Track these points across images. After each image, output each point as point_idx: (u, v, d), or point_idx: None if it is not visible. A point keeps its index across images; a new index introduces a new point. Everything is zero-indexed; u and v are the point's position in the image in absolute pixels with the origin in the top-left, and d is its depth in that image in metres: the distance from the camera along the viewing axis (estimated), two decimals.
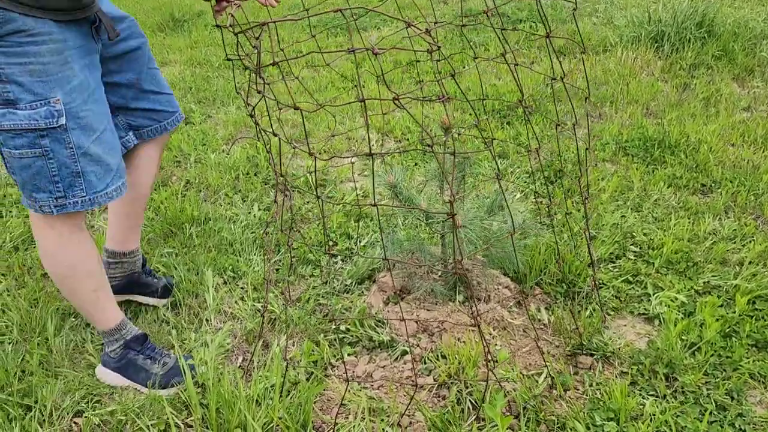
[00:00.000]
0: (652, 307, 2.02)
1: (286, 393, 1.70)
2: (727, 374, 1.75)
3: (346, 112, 3.80)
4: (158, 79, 1.84)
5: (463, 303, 2.02)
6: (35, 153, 1.45)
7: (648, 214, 2.56)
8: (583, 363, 1.82)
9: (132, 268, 2.05)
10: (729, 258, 2.26)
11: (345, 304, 2.09)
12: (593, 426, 1.58)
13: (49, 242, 1.61)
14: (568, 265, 2.17)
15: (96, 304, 1.71)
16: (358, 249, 2.40)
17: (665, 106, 3.61)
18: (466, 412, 1.65)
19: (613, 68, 4.20)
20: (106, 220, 2.69)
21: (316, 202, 2.76)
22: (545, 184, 2.87)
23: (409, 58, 4.81)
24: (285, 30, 5.97)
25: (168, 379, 1.76)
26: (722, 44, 4.35)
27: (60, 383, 1.76)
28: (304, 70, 4.72)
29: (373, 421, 1.63)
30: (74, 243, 1.62)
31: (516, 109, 3.67)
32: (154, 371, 1.76)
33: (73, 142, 1.47)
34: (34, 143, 1.43)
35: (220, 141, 3.45)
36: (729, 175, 2.80)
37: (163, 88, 1.86)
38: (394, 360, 1.85)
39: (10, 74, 1.37)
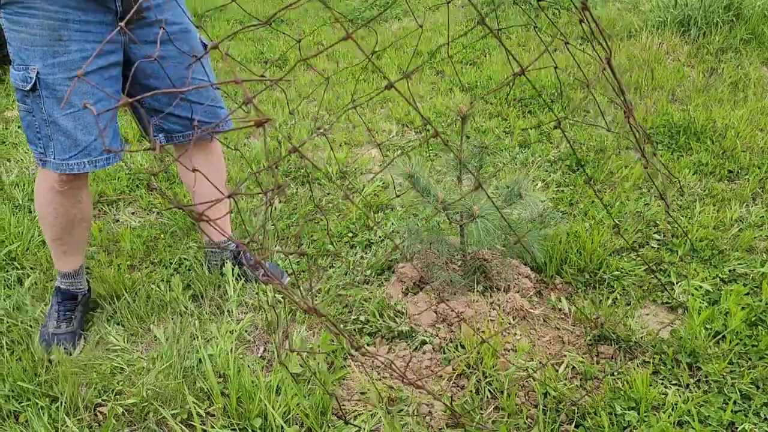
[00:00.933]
0: (676, 295, 1.99)
1: (305, 382, 1.72)
2: (752, 363, 1.71)
3: (367, 104, 3.80)
4: (203, 90, 1.87)
5: (482, 293, 2.01)
6: (25, 108, 1.66)
7: (672, 201, 2.51)
8: (604, 352, 1.81)
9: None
10: (756, 245, 2.21)
11: (364, 294, 2.10)
12: (614, 415, 1.57)
13: (38, 184, 1.84)
14: (590, 255, 2.14)
15: (53, 249, 1.95)
16: (377, 240, 2.40)
17: (691, 91, 3.54)
18: (485, 401, 1.65)
19: (638, 54, 4.13)
20: (132, 213, 2.74)
21: (336, 194, 2.77)
22: (570, 171, 2.83)
23: (429, 48, 4.78)
24: (306, 23, 5.98)
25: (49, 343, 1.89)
26: (751, 27, 4.23)
27: (86, 375, 1.81)
28: (326, 62, 4.72)
29: (392, 409, 1.64)
30: (52, 196, 1.80)
31: (538, 98, 3.63)
32: (48, 326, 1.93)
33: (45, 110, 1.63)
34: (23, 100, 1.65)
35: (242, 135, 3.48)
36: (757, 161, 2.74)
37: (206, 99, 1.90)
38: (413, 350, 1.86)
39: (9, 38, 1.60)
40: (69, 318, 1.96)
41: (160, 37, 1.71)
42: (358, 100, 3.85)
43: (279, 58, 4.89)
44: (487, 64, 4.33)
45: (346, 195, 0.93)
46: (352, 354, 1.85)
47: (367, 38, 5.31)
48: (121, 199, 2.86)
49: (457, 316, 1.91)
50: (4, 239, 2.48)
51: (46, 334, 1.92)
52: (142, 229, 2.55)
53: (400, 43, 5.03)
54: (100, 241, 2.47)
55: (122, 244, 2.45)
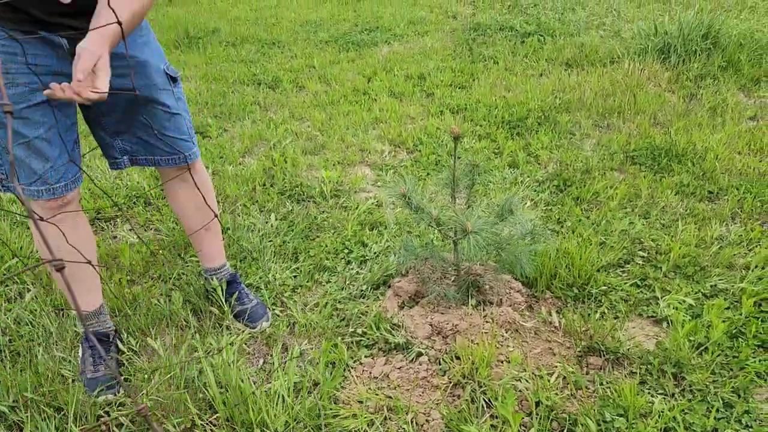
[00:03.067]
0: (661, 309, 2.08)
1: (305, 392, 1.77)
2: (733, 373, 1.80)
3: (359, 125, 3.89)
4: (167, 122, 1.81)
5: (475, 307, 2.08)
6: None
7: (656, 220, 2.61)
8: (593, 364, 1.88)
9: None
10: (735, 262, 2.31)
11: (361, 308, 2.15)
12: (603, 422, 1.63)
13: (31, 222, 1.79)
14: (578, 270, 2.23)
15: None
16: (372, 256, 2.47)
17: (672, 116, 3.68)
18: (480, 410, 1.71)
19: (621, 80, 4.28)
20: (129, 231, 2.78)
21: (330, 212, 2.84)
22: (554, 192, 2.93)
23: (420, 72, 4.90)
24: (298, 46, 6.09)
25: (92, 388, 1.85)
26: (728, 55, 4.41)
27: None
28: (318, 84, 4.82)
29: (391, 418, 1.69)
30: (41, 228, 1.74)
31: (525, 120, 3.75)
32: (86, 373, 1.89)
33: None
34: None
35: (237, 154, 3.55)
36: (735, 182, 2.86)
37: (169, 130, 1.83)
38: (409, 361, 1.91)
39: None
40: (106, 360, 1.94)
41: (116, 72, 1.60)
42: (350, 121, 3.95)
43: (272, 79, 4.98)
44: (476, 88, 4.45)
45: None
46: (351, 366, 1.91)
47: (358, 61, 5.42)
48: (118, 215, 2.90)
49: (452, 328, 1.98)
50: (3, 255, 2.51)
51: (85, 380, 1.87)
52: (141, 245, 2.60)
53: (390, 65, 5.15)
54: (99, 256, 2.51)
55: (121, 260, 2.49)
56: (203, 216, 2.07)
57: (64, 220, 1.76)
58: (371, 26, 6.70)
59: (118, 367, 1.95)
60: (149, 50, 1.74)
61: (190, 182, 1.99)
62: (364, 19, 7.10)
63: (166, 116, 1.80)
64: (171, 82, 1.80)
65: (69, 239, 1.77)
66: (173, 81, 1.81)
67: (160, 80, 1.76)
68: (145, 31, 1.75)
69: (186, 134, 1.88)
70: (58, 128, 1.65)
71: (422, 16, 7.03)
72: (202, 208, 2.06)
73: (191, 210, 2.05)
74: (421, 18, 6.97)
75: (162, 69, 1.77)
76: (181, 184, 2.01)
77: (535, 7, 6.95)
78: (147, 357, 2.00)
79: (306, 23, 7.09)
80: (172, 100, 1.81)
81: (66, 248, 1.75)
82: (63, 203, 1.74)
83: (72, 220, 1.79)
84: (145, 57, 1.72)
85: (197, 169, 1.99)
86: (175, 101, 1.82)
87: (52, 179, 1.67)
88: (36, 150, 1.63)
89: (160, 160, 1.88)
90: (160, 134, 1.82)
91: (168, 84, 1.78)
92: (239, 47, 6.17)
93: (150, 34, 1.78)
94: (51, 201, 1.71)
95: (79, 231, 1.84)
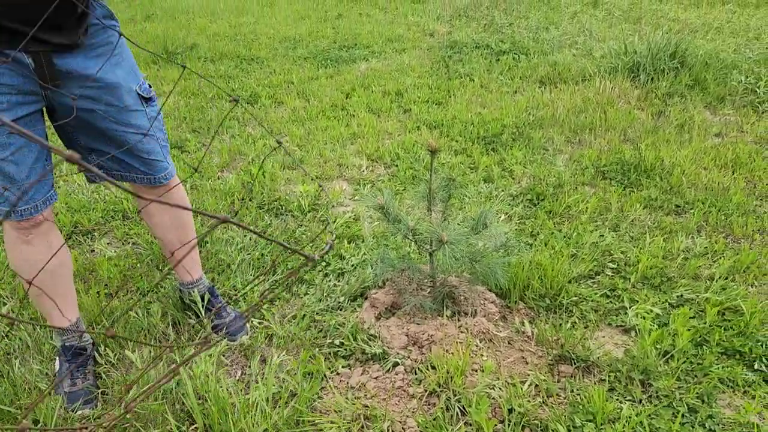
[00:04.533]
0: (629, 319, 2.14)
1: (284, 402, 1.79)
2: (698, 379, 1.86)
3: (337, 140, 3.95)
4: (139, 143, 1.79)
5: (450, 317, 2.13)
6: None
7: (625, 233, 2.70)
8: (564, 372, 1.94)
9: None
10: (701, 273, 2.39)
11: (338, 320, 2.19)
12: (573, 428, 1.69)
13: (5, 240, 1.79)
14: (550, 281, 2.29)
15: (42, 307, 1.93)
16: (350, 269, 2.51)
17: (641, 132, 3.79)
18: (454, 417, 1.75)
19: (592, 97, 4.40)
20: (107, 244, 2.79)
21: (308, 225, 2.88)
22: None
23: (397, 88, 4.98)
24: (276, 62, 6.14)
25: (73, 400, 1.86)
26: (695, 74, 4.57)
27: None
28: (296, 100, 4.87)
29: (368, 426, 1.72)
30: (21, 248, 1.76)
31: (500, 136, 3.83)
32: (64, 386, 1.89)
33: None
34: None
35: (215, 168, 3.57)
36: (701, 196, 2.96)
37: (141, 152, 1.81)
38: (386, 371, 1.95)
39: None
40: (83, 374, 1.93)
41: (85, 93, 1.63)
42: (328, 137, 4.00)
43: (250, 95, 5.02)
44: (452, 104, 4.54)
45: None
46: (328, 376, 1.94)
47: (336, 77, 5.49)
48: (96, 229, 2.90)
49: (427, 338, 2.02)
50: None
51: (63, 393, 1.88)
52: (119, 258, 2.61)
53: (368, 82, 5.22)
54: (76, 269, 2.51)
55: (99, 273, 2.49)
56: (180, 232, 2.06)
57: (37, 239, 1.75)
58: (350, 43, 6.79)
59: (96, 380, 1.95)
60: (121, 71, 1.71)
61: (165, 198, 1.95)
62: (342, 36, 7.19)
63: (137, 137, 1.78)
64: (144, 102, 1.77)
65: (43, 257, 1.77)
66: (146, 101, 1.78)
67: (132, 102, 1.73)
68: (119, 50, 1.72)
69: (159, 154, 1.86)
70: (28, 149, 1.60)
71: (400, 34, 7.14)
72: (179, 224, 2.05)
73: (167, 225, 2.04)
74: (398, 36, 7.08)
75: (134, 90, 1.74)
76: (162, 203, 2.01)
77: (510, 26, 7.10)
78: (125, 369, 2.01)
79: (285, 39, 7.15)
80: (144, 120, 1.78)
81: (39, 266, 1.73)
82: (34, 224, 1.72)
83: (45, 239, 1.77)
84: (115, 79, 1.68)
85: (172, 188, 1.95)
86: (148, 121, 1.79)
87: (19, 202, 1.64)
88: (2, 172, 1.59)
89: (135, 177, 1.86)
90: (132, 154, 1.80)
91: (140, 105, 1.76)
92: (218, 63, 6.20)
93: (124, 53, 1.75)
94: (22, 222, 1.69)
95: (53, 248, 1.81)
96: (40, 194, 1.68)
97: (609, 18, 7.33)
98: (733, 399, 1.81)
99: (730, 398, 1.82)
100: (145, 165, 1.84)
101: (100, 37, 1.65)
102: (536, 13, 7.82)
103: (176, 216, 2.04)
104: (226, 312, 2.19)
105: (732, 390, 1.84)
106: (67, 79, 1.61)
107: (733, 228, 2.70)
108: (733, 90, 4.39)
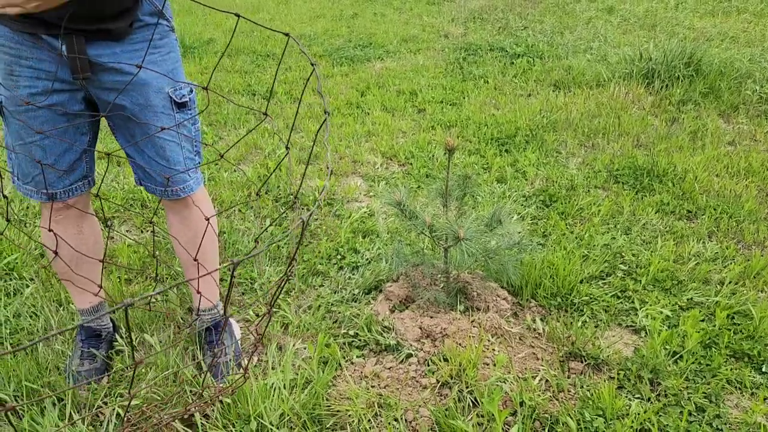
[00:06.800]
0: (639, 319, 2.18)
1: (300, 388, 1.84)
2: (706, 380, 1.90)
3: (352, 137, 3.99)
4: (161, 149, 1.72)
5: (463, 312, 2.17)
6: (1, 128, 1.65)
7: (636, 236, 2.73)
8: (574, 368, 1.97)
9: None
10: (711, 277, 2.42)
11: (353, 311, 2.23)
12: (583, 422, 1.72)
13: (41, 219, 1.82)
14: (562, 281, 2.33)
15: (66, 285, 1.93)
16: (365, 263, 2.55)
17: (654, 138, 3.82)
18: (467, 408, 1.79)
19: (606, 102, 4.43)
20: (127, 231, 2.84)
21: (324, 219, 2.93)
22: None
23: (412, 88, 5.02)
24: (292, 58, 6.20)
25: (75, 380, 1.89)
26: (709, 82, 4.58)
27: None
28: (312, 96, 4.92)
29: (381, 414, 1.77)
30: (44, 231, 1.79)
31: (514, 138, 3.87)
32: (72, 364, 1.93)
33: (7, 134, 1.65)
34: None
35: (232, 161, 3.62)
36: (713, 202, 2.99)
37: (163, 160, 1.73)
38: (399, 362, 1.99)
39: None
40: (92, 355, 1.96)
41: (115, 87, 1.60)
42: (343, 133, 4.04)
43: (266, 90, 5.07)
44: (466, 105, 4.58)
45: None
46: (342, 366, 1.98)
47: (351, 75, 5.54)
48: (116, 216, 2.96)
49: (440, 331, 2.06)
50: (2, 251, 2.56)
51: (70, 372, 1.91)
52: (138, 246, 2.66)
53: (383, 81, 5.27)
54: None
55: (119, 259, 2.55)
56: (193, 253, 1.90)
57: (66, 220, 1.79)
58: (364, 42, 6.84)
59: (105, 365, 1.98)
60: (155, 70, 1.63)
61: (182, 216, 1.88)
62: (357, 35, 7.24)
63: (159, 141, 1.70)
64: (175, 107, 1.69)
65: (71, 240, 1.81)
66: (179, 106, 1.70)
67: (159, 103, 1.66)
68: (160, 50, 1.65)
69: (180, 164, 1.75)
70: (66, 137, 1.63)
71: (415, 35, 7.19)
72: (193, 246, 1.90)
73: (181, 243, 1.91)
74: (413, 36, 7.12)
75: (165, 92, 1.66)
76: (174, 216, 1.89)
77: (524, 30, 7.13)
78: (144, 351, 2.06)
79: (300, 37, 7.20)
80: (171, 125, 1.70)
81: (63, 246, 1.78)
82: (63, 205, 1.75)
83: (74, 222, 1.81)
84: (144, 76, 1.62)
85: (191, 205, 1.85)
86: (176, 128, 1.71)
87: (40, 185, 1.67)
88: (30, 154, 1.63)
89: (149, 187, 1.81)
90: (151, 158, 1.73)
91: (170, 109, 1.68)
92: (234, 58, 6.26)
93: (167, 54, 1.67)
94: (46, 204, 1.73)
95: (84, 233, 1.84)
96: (61, 184, 1.70)
97: (624, 24, 7.35)
98: (740, 400, 1.85)
99: (737, 399, 1.85)
100: (164, 171, 1.74)
101: (142, 33, 1.61)
102: (551, 17, 7.85)
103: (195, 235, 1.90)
104: (223, 353, 2.01)
105: (740, 391, 1.88)
106: (99, 70, 1.59)
107: (744, 234, 2.72)
108: (747, 99, 4.41)
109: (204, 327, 2.04)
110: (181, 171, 1.75)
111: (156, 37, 1.63)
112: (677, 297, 2.29)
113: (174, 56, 1.70)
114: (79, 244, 1.83)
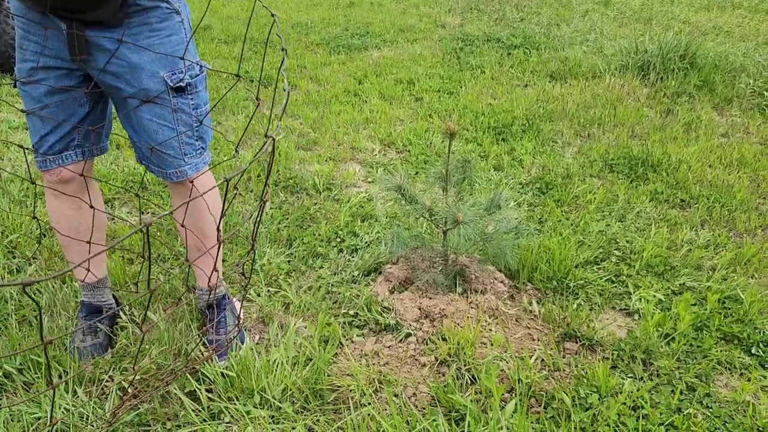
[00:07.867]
0: (633, 303, 2.23)
1: (302, 364, 1.88)
2: (697, 361, 1.95)
3: (350, 124, 4.02)
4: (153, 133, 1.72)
5: (461, 294, 2.21)
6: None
7: (631, 224, 2.78)
8: (569, 348, 2.02)
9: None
10: (703, 264, 2.48)
11: (353, 292, 2.27)
12: (578, 398, 1.77)
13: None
14: (558, 265, 2.37)
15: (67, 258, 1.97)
16: (364, 246, 2.59)
17: (649, 129, 3.87)
18: (464, 384, 1.84)
19: (602, 93, 4.47)
20: (128, 213, 2.86)
21: (323, 204, 2.96)
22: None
23: (409, 77, 5.04)
24: (289, 46, 6.20)
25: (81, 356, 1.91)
26: (704, 75, 4.64)
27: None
28: (309, 84, 4.94)
29: (381, 390, 1.81)
30: (50, 201, 1.86)
31: (510, 127, 3.91)
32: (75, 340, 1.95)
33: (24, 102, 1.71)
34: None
35: (231, 146, 3.64)
36: (706, 192, 3.04)
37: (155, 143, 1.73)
38: (399, 341, 2.04)
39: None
40: (94, 331, 1.98)
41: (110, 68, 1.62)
42: (340, 120, 4.07)
43: (264, 77, 5.08)
44: (463, 94, 4.61)
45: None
46: (343, 344, 2.02)
47: (348, 64, 5.55)
48: (116, 198, 2.98)
49: (439, 312, 2.10)
50: (4, 230, 2.57)
51: (72, 348, 1.93)
52: (139, 226, 2.68)
53: (380, 70, 5.29)
54: None
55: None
56: (193, 234, 1.91)
57: (65, 196, 1.82)
58: (362, 31, 6.84)
59: (108, 341, 2.00)
60: (151, 54, 1.62)
61: (182, 198, 1.88)
62: (354, 24, 7.24)
63: (152, 125, 1.70)
64: (171, 92, 1.67)
65: (70, 213, 1.85)
66: (176, 91, 1.68)
67: (152, 86, 1.64)
68: (158, 32, 1.63)
69: (174, 149, 1.74)
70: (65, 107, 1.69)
71: (412, 24, 7.20)
72: (193, 227, 1.89)
73: (180, 222, 1.87)
74: (410, 26, 7.14)
75: (161, 76, 1.64)
76: (175, 197, 1.92)
77: (521, 21, 7.16)
78: (147, 328, 2.09)
79: (297, 25, 7.20)
80: (166, 110, 1.69)
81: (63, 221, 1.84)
82: (59, 179, 1.78)
83: (72, 198, 1.83)
84: (138, 60, 1.61)
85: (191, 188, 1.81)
86: (171, 113, 1.69)
87: (39, 150, 1.74)
88: (30, 121, 1.73)
89: (149, 167, 1.83)
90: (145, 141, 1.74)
91: (166, 93, 1.66)
92: (231, 45, 6.26)
93: (166, 38, 1.65)
94: (46, 173, 1.78)
95: (83, 209, 1.86)
96: (52, 150, 1.73)
97: (620, 17, 7.39)
98: (730, 380, 1.90)
99: (727, 379, 1.91)
100: (155, 155, 1.75)
101: (140, 17, 1.60)
102: (548, 9, 7.88)
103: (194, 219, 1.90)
104: (224, 330, 2.03)
105: (729, 372, 1.93)
106: (98, 51, 1.60)
107: (736, 223, 2.78)
108: (740, 92, 4.47)
109: (205, 305, 2.07)
110: (174, 156, 1.75)
111: (154, 20, 1.62)
112: (670, 282, 2.35)
113: (176, 39, 1.67)
114: (78, 218, 1.86)
